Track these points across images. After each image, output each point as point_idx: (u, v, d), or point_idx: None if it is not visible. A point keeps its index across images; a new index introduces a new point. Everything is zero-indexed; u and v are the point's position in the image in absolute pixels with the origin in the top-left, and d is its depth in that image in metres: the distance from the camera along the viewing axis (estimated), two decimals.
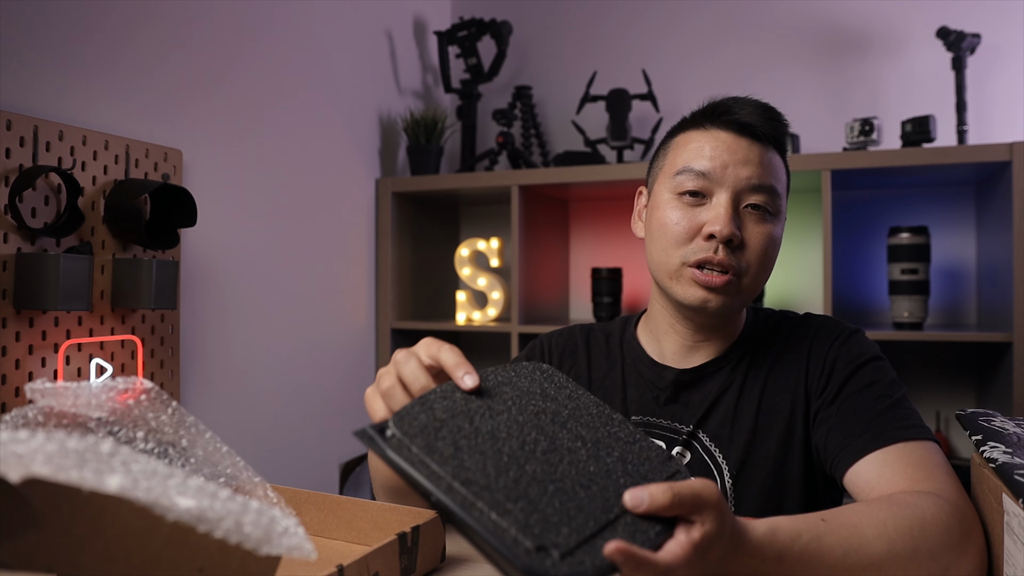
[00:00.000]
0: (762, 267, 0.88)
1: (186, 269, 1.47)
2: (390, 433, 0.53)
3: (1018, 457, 0.67)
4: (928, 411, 2.02)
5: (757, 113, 0.89)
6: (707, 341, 0.95)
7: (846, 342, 0.91)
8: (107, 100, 1.32)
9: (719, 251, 0.85)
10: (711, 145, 0.89)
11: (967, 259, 2.02)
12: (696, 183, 0.88)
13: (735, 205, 0.87)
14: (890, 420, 0.82)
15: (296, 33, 1.80)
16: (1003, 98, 1.98)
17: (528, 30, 2.44)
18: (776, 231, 0.89)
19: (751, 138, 0.89)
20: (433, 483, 0.50)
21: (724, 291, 0.87)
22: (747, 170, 0.87)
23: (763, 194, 0.88)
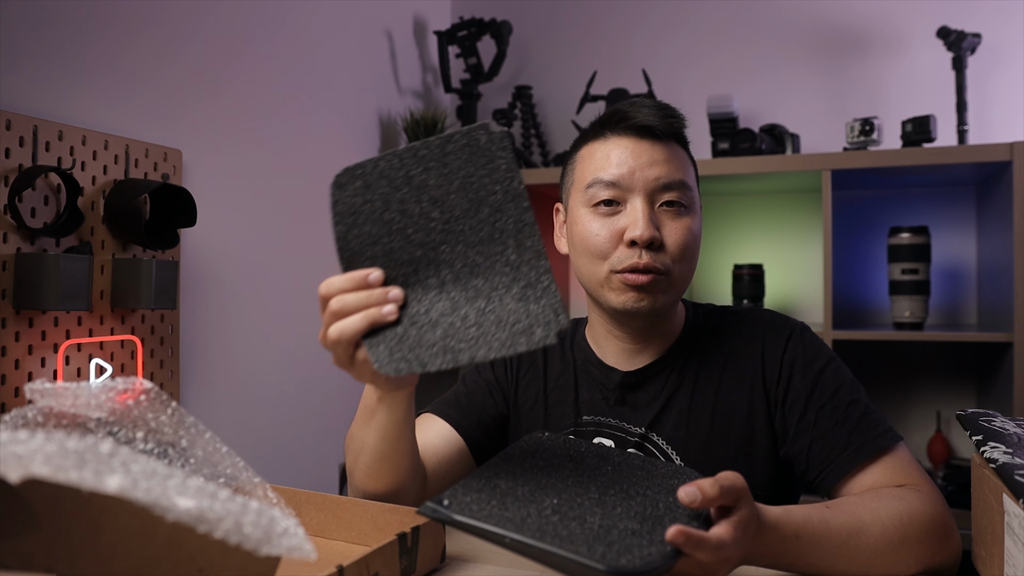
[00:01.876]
0: (685, 261, 0.90)
1: (186, 269, 1.47)
2: (446, 503, 0.62)
3: (1018, 457, 0.67)
4: (928, 411, 2.02)
5: (653, 113, 0.91)
6: (647, 342, 0.96)
7: (801, 342, 0.93)
8: (107, 100, 1.32)
9: (643, 255, 0.87)
10: (615, 152, 0.90)
11: (967, 259, 2.02)
12: (608, 192, 0.89)
13: (650, 206, 0.89)
14: (865, 430, 0.86)
15: (296, 33, 1.80)
16: (1003, 98, 1.98)
17: (528, 30, 2.44)
18: (694, 224, 0.91)
19: (652, 139, 0.90)
20: (503, 527, 0.59)
21: (653, 289, 0.88)
22: (655, 170, 0.89)
23: (674, 191, 0.89)
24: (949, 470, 1.88)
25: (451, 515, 0.60)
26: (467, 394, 1.04)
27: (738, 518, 0.62)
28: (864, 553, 0.73)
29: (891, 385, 2.07)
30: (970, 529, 0.77)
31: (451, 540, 0.85)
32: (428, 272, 0.69)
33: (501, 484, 0.66)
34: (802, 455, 0.89)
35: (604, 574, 0.54)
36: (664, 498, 0.66)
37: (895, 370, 2.06)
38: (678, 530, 0.57)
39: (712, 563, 0.60)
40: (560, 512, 0.61)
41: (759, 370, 0.93)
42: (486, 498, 0.63)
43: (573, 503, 0.63)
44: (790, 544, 0.69)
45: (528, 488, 0.65)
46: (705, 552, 0.59)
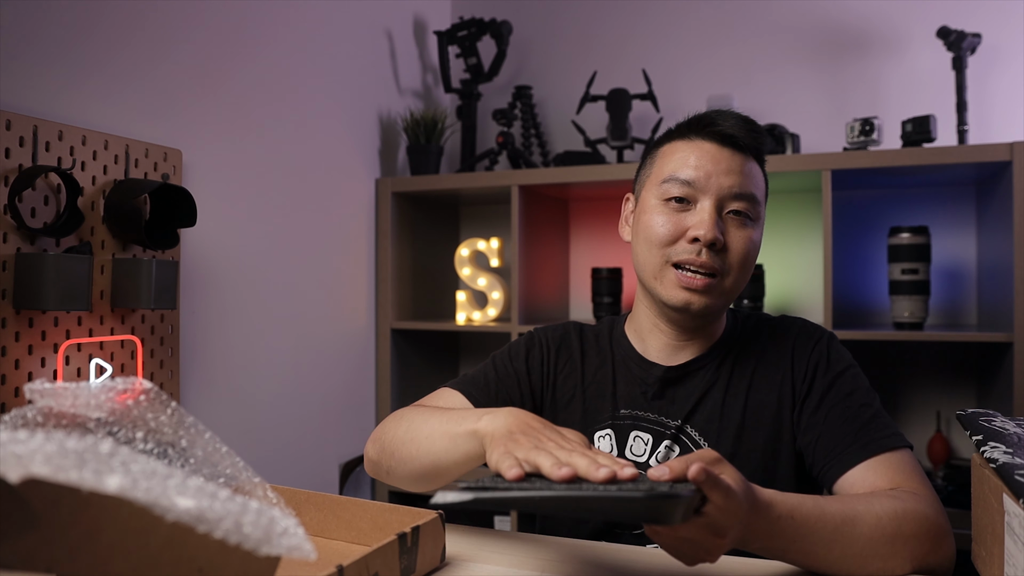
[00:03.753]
0: (742, 270, 0.94)
1: (186, 269, 1.47)
2: (461, 486, 0.62)
3: (1019, 457, 0.67)
4: (928, 411, 2.02)
5: (738, 125, 0.95)
6: (691, 341, 1.00)
7: (827, 347, 0.98)
8: (107, 100, 1.32)
9: (702, 254, 0.91)
10: (696, 155, 0.94)
11: (967, 259, 2.02)
12: (682, 190, 0.93)
13: (718, 211, 0.93)
14: (874, 430, 0.89)
15: (296, 33, 1.80)
16: (1003, 98, 1.98)
17: (528, 30, 2.44)
18: (756, 236, 0.95)
19: (733, 148, 0.95)
20: (529, 492, 0.60)
21: (706, 292, 0.92)
22: (729, 179, 0.93)
23: (744, 201, 0.93)
24: (949, 470, 1.88)
25: (473, 495, 0.59)
26: (496, 379, 1.04)
27: (734, 470, 0.66)
28: (857, 542, 0.73)
29: (891, 385, 2.07)
30: (970, 529, 0.77)
31: (451, 540, 0.85)
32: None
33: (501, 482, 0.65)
34: (810, 448, 0.93)
35: (642, 501, 0.56)
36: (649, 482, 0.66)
37: (895, 370, 2.06)
38: (699, 467, 0.60)
39: (709, 537, 0.63)
40: (572, 488, 0.61)
41: (788, 369, 0.97)
42: (495, 482, 0.63)
43: (577, 488, 0.62)
44: (784, 524, 0.69)
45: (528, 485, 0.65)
46: (719, 495, 0.61)
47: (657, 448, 0.97)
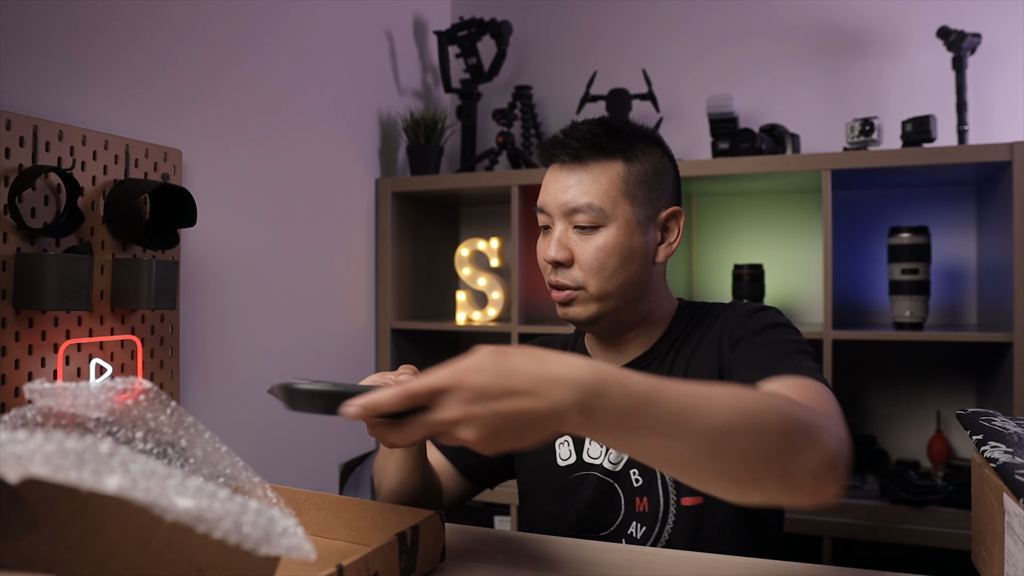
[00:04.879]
0: (599, 273, 0.95)
1: (186, 269, 1.47)
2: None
3: (1019, 457, 0.67)
4: (928, 411, 2.02)
5: (571, 139, 0.97)
6: (622, 344, 1.03)
7: (754, 315, 0.97)
8: (107, 100, 1.32)
9: (555, 273, 0.97)
10: (548, 180, 1.00)
11: (967, 259, 2.02)
12: (541, 219, 1.00)
13: (567, 228, 0.97)
14: (782, 362, 0.85)
15: (296, 33, 1.80)
16: (1003, 98, 1.98)
17: (528, 30, 2.44)
18: (605, 240, 0.95)
19: (570, 163, 0.97)
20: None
21: (572, 303, 0.97)
22: (566, 195, 0.96)
23: (581, 213, 0.95)
24: (949, 470, 1.88)
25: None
26: None
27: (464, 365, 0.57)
28: (711, 432, 0.58)
29: (891, 385, 2.06)
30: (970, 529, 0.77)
31: (451, 540, 0.85)
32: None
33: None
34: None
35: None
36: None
37: (895, 370, 2.06)
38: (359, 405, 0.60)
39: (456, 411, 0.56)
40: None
41: (717, 344, 0.97)
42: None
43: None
44: (616, 394, 0.56)
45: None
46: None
47: (610, 449, 0.99)
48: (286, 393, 0.67)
